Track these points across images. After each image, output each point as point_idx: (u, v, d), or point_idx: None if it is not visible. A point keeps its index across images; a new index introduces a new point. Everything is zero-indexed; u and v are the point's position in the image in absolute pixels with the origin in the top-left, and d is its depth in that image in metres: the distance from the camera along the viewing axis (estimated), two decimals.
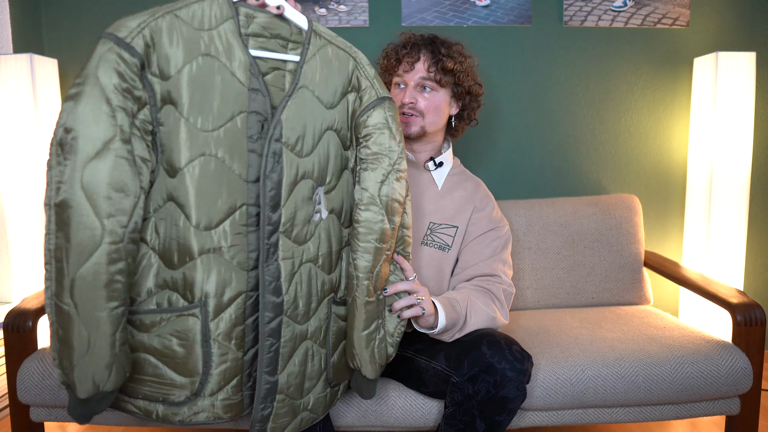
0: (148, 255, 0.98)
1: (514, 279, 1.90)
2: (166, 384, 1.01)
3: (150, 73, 0.92)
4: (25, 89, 1.87)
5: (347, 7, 2.09)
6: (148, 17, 0.91)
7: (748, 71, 1.96)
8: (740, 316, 1.46)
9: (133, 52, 0.89)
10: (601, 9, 2.11)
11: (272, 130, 1.00)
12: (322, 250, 1.10)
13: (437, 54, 1.39)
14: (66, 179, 0.86)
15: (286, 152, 1.02)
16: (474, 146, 2.16)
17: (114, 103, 0.87)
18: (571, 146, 2.18)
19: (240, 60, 0.98)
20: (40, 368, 1.41)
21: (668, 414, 1.46)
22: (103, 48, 0.88)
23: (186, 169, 0.95)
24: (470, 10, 2.11)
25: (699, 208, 2.07)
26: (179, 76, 0.94)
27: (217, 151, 0.97)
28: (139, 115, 0.92)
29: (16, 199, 1.91)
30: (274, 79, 1.03)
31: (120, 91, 0.88)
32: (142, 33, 0.90)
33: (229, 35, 0.97)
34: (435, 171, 1.47)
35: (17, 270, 1.93)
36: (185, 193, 0.96)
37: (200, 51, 0.95)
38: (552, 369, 1.41)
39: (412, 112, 1.40)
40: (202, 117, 0.95)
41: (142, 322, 0.98)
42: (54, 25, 2.12)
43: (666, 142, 2.19)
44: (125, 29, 0.89)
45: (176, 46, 0.93)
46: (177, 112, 0.94)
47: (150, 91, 0.92)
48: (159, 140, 0.95)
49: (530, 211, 1.95)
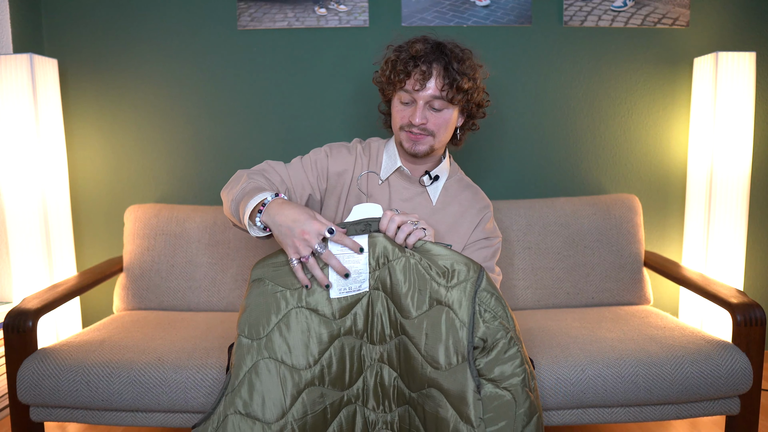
0: None
1: (513, 279, 1.91)
2: None
3: None
4: (25, 89, 1.87)
5: (347, 7, 2.09)
6: None
7: (748, 71, 1.95)
8: (740, 316, 1.46)
9: None
10: (601, 9, 2.11)
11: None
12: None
13: (450, 71, 1.27)
14: None
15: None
16: (474, 147, 2.16)
17: None
18: (571, 146, 2.18)
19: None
20: (40, 368, 1.42)
21: (668, 414, 1.46)
22: None
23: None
24: (470, 10, 2.11)
25: (699, 208, 2.07)
26: None
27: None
28: None
29: (16, 199, 1.91)
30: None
31: None
32: None
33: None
34: (430, 186, 1.41)
35: (17, 270, 1.93)
36: None
37: None
38: (552, 369, 1.41)
39: (421, 132, 1.31)
40: None
41: None
42: (54, 25, 2.12)
43: (666, 142, 2.19)
44: None
45: None
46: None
47: None
48: None
49: (530, 211, 1.95)
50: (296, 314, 1.09)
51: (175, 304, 1.91)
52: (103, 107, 2.16)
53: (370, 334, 1.12)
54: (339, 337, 1.10)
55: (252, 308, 1.09)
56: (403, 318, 1.09)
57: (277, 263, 1.12)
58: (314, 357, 1.09)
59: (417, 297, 1.08)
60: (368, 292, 1.11)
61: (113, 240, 2.19)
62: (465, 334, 1.04)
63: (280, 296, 1.09)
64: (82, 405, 1.42)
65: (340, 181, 1.39)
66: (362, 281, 1.11)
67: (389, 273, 1.10)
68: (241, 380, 1.06)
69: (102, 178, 2.18)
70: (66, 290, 1.65)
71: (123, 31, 2.12)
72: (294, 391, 1.06)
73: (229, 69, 2.14)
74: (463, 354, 1.04)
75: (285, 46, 2.13)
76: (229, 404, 1.05)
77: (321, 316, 1.10)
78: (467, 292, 1.06)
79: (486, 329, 1.04)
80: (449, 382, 1.03)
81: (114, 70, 2.14)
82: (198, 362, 1.44)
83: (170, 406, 1.41)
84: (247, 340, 1.08)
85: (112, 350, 1.49)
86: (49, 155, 1.94)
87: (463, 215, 1.40)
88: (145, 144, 2.17)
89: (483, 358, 1.04)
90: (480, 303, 1.06)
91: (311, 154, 1.40)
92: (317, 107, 2.16)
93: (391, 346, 1.11)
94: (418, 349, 1.07)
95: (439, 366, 1.05)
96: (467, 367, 1.03)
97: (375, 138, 1.48)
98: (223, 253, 1.92)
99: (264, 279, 1.11)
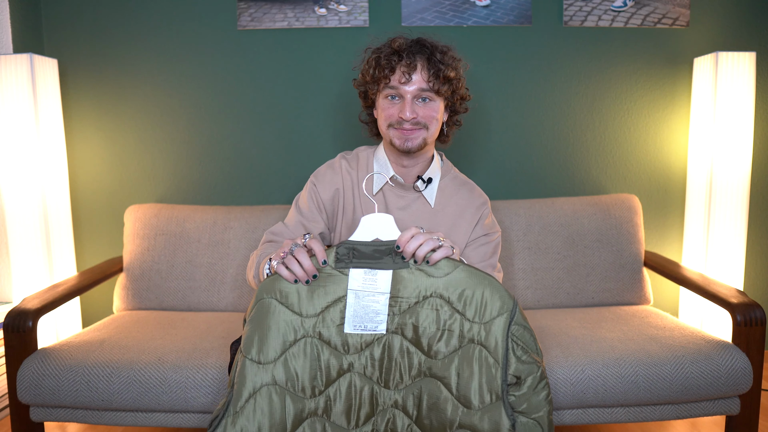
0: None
1: (513, 279, 1.91)
2: None
3: None
4: (25, 89, 1.87)
5: (347, 7, 2.09)
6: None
7: (748, 71, 1.95)
8: (740, 316, 1.46)
9: None
10: (601, 9, 2.11)
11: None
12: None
13: (434, 62, 1.28)
14: None
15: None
16: (474, 146, 2.16)
17: None
18: (571, 146, 2.18)
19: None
20: (40, 368, 1.42)
21: (668, 414, 1.46)
22: None
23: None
24: (470, 10, 2.11)
25: (699, 208, 2.07)
26: None
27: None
28: None
29: (16, 200, 1.91)
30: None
31: None
32: None
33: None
34: (425, 190, 1.39)
35: (17, 270, 1.93)
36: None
37: None
38: (552, 369, 1.41)
39: (413, 127, 1.30)
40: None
41: None
42: (54, 25, 2.12)
43: (666, 142, 2.19)
44: None
45: None
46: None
47: None
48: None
49: (530, 211, 1.95)
50: (306, 343, 1.06)
51: (175, 304, 1.91)
52: (103, 107, 2.16)
53: (386, 379, 1.08)
54: (350, 373, 1.07)
55: (260, 331, 1.06)
56: (430, 359, 1.06)
57: (283, 290, 1.08)
58: (320, 388, 1.06)
59: (446, 336, 1.06)
60: (385, 336, 1.07)
61: (113, 240, 2.19)
62: (499, 373, 1.03)
63: (291, 322, 1.06)
64: (82, 405, 1.42)
65: (334, 203, 1.40)
66: (379, 322, 1.07)
67: (415, 316, 1.06)
68: (243, 405, 1.03)
69: (102, 178, 2.18)
70: (66, 290, 1.65)
71: (123, 31, 2.12)
72: (296, 420, 1.05)
73: (229, 69, 2.14)
74: (497, 393, 1.02)
75: (285, 46, 2.13)
76: (229, 426, 1.03)
77: (332, 348, 1.07)
78: (501, 328, 1.04)
79: (519, 365, 1.03)
80: (483, 421, 1.02)
81: (114, 70, 2.14)
82: (198, 362, 1.44)
83: (170, 406, 1.41)
84: (253, 362, 1.05)
85: (112, 350, 1.49)
86: (49, 155, 1.94)
87: (462, 215, 1.39)
88: (145, 144, 2.17)
89: (514, 392, 1.04)
90: (513, 338, 1.04)
91: (302, 192, 1.43)
92: (317, 107, 2.16)
93: (407, 392, 1.08)
94: (450, 389, 1.04)
95: (471, 406, 1.03)
96: (501, 405, 1.02)
97: (363, 147, 1.46)
98: (223, 253, 1.92)
99: (275, 301, 1.07)
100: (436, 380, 1.06)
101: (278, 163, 2.18)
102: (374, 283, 1.06)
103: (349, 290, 1.06)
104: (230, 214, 1.97)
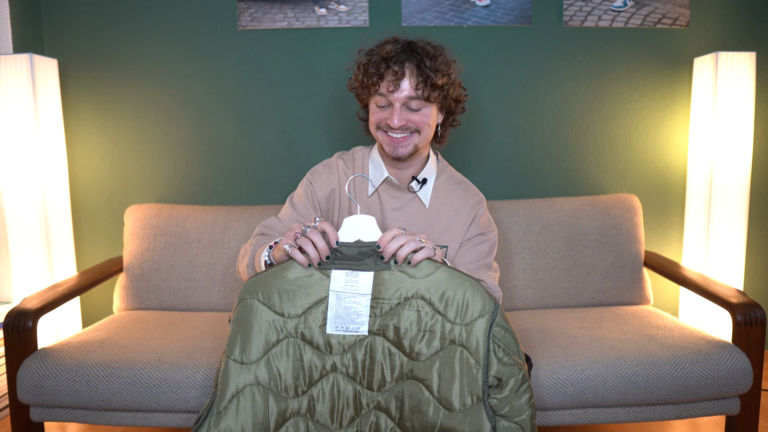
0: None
1: (513, 279, 1.91)
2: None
3: None
4: (25, 89, 1.87)
5: (347, 7, 2.09)
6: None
7: (748, 71, 1.95)
8: (740, 316, 1.46)
9: None
10: (601, 9, 2.11)
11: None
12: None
13: (423, 69, 1.25)
14: None
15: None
16: (474, 146, 2.16)
17: None
18: (571, 146, 2.18)
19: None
20: (40, 368, 1.42)
21: (668, 414, 1.46)
22: None
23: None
24: (470, 10, 2.11)
25: (699, 208, 2.07)
26: None
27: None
28: None
29: (16, 199, 1.91)
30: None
31: None
32: None
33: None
34: (420, 191, 1.38)
35: (17, 270, 1.93)
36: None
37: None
38: (552, 369, 1.41)
39: (403, 133, 1.29)
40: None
41: None
42: (54, 25, 2.12)
43: (666, 142, 2.19)
44: None
45: None
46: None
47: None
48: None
49: (530, 211, 1.95)
50: (289, 343, 1.07)
51: (175, 304, 1.91)
52: (103, 107, 2.16)
53: (369, 381, 1.08)
54: (333, 373, 1.08)
55: (243, 331, 1.07)
56: (412, 360, 1.06)
57: (265, 291, 1.08)
58: (302, 388, 1.07)
59: (427, 337, 1.06)
60: (367, 337, 1.08)
61: (113, 240, 2.19)
62: (480, 374, 1.02)
63: (274, 323, 1.07)
64: (82, 405, 1.42)
65: (330, 202, 1.40)
66: (361, 323, 1.07)
67: (396, 317, 1.07)
68: (226, 405, 1.04)
69: (102, 178, 2.18)
70: (66, 290, 1.65)
71: (123, 31, 2.12)
72: (279, 419, 1.05)
73: (229, 69, 2.14)
74: (477, 395, 1.02)
75: (285, 46, 2.13)
76: (213, 426, 1.03)
77: (314, 349, 1.08)
78: (482, 329, 1.03)
79: (500, 367, 1.03)
80: (464, 424, 1.02)
81: (114, 70, 2.14)
82: (198, 362, 1.44)
83: (170, 406, 1.41)
84: (236, 363, 1.06)
85: (112, 350, 1.49)
86: (49, 155, 1.94)
87: (457, 214, 1.39)
88: (145, 144, 2.17)
89: (496, 395, 1.03)
90: (494, 339, 1.04)
91: (298, 189, 1.43)
92: (317, 107, 2.16)
93: (390, 394, 1.07)
94: (431, 391, 1.04)
95: (452, 408, 1.03)
96: (482, 407, 1.02)
97: (359, 147, 1.46)
98: (223, 253, 1.92)
99: (257, 301, 1.08)
100: (417, 382, 1.06)
101: (278, 163, 2.18)
102: (356, 284, 1.07)
103: (330, 291, 1.07)
104: (230, 214, 1.97)
